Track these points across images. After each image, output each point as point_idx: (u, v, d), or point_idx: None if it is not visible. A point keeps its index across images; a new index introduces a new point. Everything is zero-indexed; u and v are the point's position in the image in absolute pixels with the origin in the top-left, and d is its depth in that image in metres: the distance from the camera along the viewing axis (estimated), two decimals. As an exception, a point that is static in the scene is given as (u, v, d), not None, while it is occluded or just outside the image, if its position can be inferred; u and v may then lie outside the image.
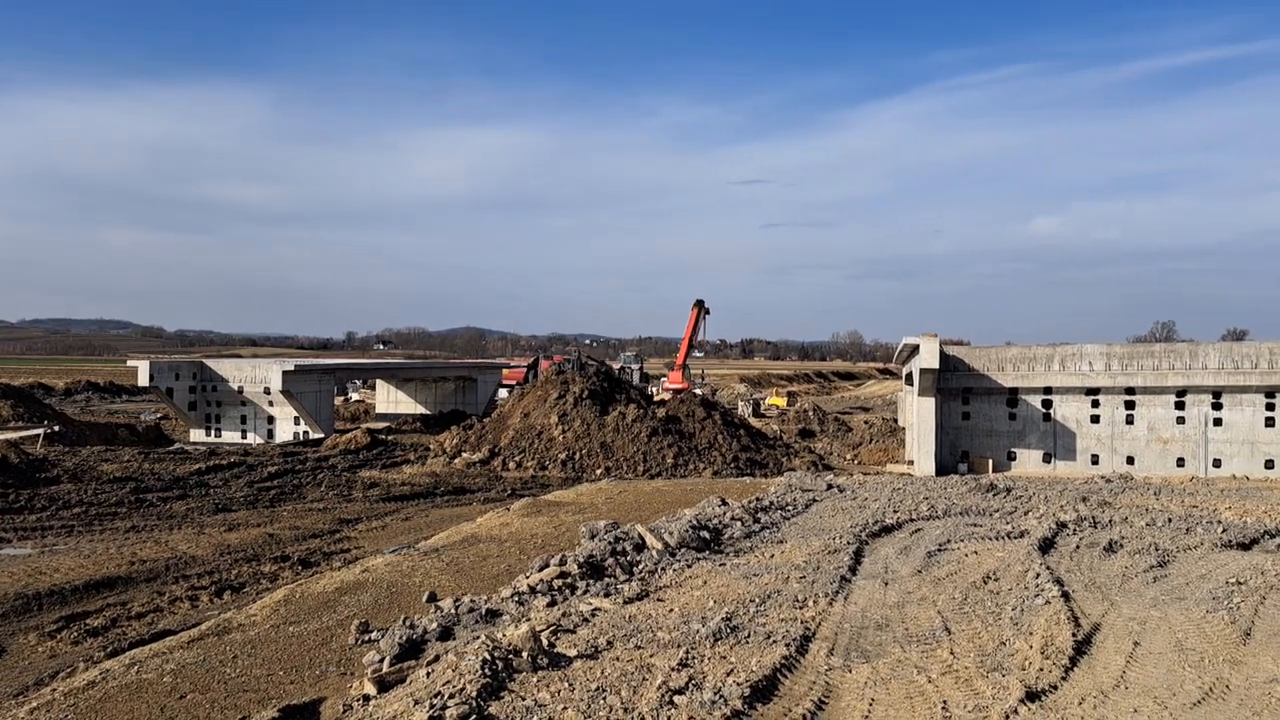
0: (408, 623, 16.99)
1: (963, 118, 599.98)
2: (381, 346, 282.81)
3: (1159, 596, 19.12)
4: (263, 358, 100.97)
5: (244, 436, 73.03)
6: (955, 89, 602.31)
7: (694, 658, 14.50)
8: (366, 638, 17.21)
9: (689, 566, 21.43)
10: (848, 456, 62.98)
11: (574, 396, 56.12)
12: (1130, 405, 50.66)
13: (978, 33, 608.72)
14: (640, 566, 21.26)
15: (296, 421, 72.15)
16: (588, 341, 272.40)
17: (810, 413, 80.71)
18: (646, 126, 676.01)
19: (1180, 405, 49.93)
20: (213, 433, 73.95)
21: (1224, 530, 26.59)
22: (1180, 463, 49.39)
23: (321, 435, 69.17)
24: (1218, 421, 49.33)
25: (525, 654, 13.90)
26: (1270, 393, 48.55)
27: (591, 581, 19.76)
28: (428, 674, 13.96)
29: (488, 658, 13.54)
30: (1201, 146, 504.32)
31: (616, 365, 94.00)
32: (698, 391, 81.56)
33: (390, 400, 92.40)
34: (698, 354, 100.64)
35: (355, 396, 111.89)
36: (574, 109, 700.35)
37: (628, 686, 13.15)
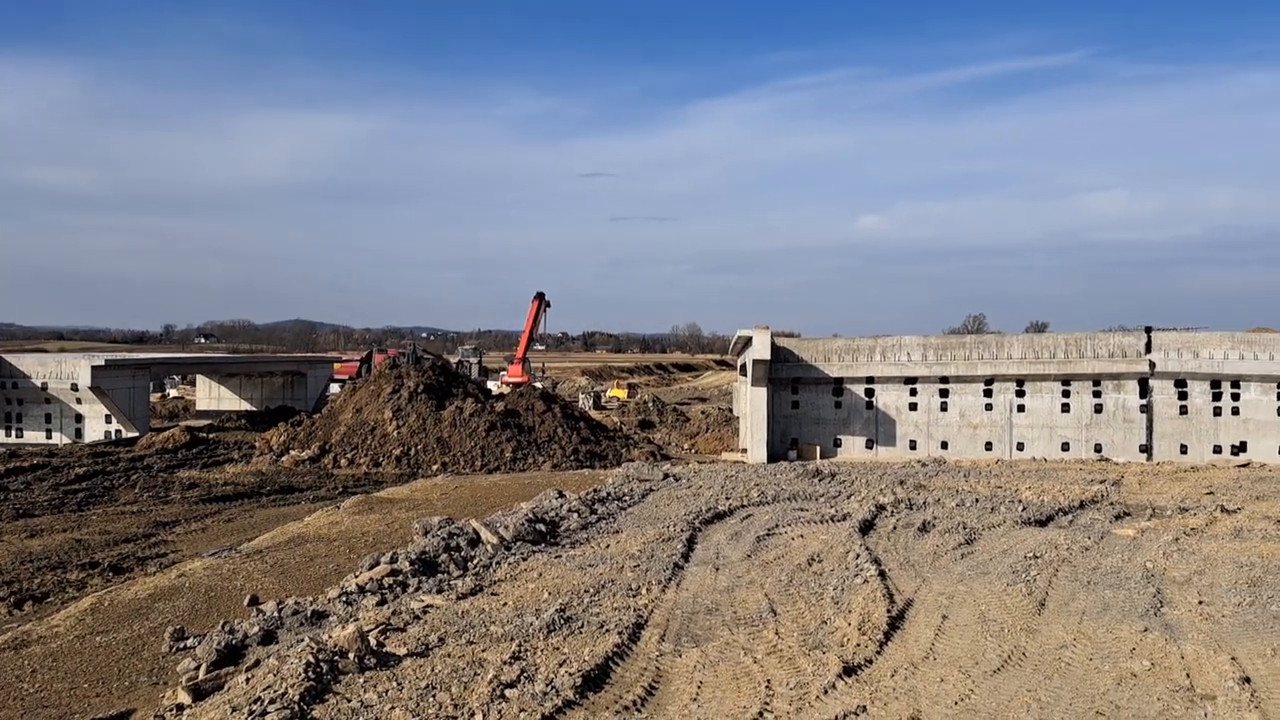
0: (227, 628, 16.26)
1: (794, 118, 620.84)
2: (203, 340, 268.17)
3: (966, 572, 20.43)
4: (71, 352, 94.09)
5: (49, 436, 67.86)
6: (788, 90, 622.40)
7: (527, 650, 14.51)
8: (182, 645, 16.37)
9: (524, 560, 21.39)
10: (685, 446, 64.21)
11: (409, 391, 54.90)
12: (944, 393, 53.74)
13: (809, 36, 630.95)
14: (475, 561, 21.06)
15: (108, 420, 67.68)
16: (425, 335, 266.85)
17: (650, 404, 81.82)
18: (489, 116, 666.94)
19: (988, 393, 53.36)
20: (13, 433, 68.42)
21: (1024, 509, 28.63)
22: (988, 446, 52.79)
23: (136, 434, 65.07)
24: (1021, 408, 52.98)
25: (352, 655, 13.55)
26: (1066, 380, 52.52)
27: (424, 579, 19.43)
28: (247, 679, 13.41)
29: (312, 660, 13.12)
30: (1010, 151, 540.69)
31: (454, 359, 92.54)
32: (538, 385, 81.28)
33: (212, 396, 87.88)
34: (539, 347, 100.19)
35: (174, 393, 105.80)
36: (413, 96, 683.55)
37: (459, 682, 13.02)
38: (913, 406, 53.91)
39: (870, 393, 54.23)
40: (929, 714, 12.21)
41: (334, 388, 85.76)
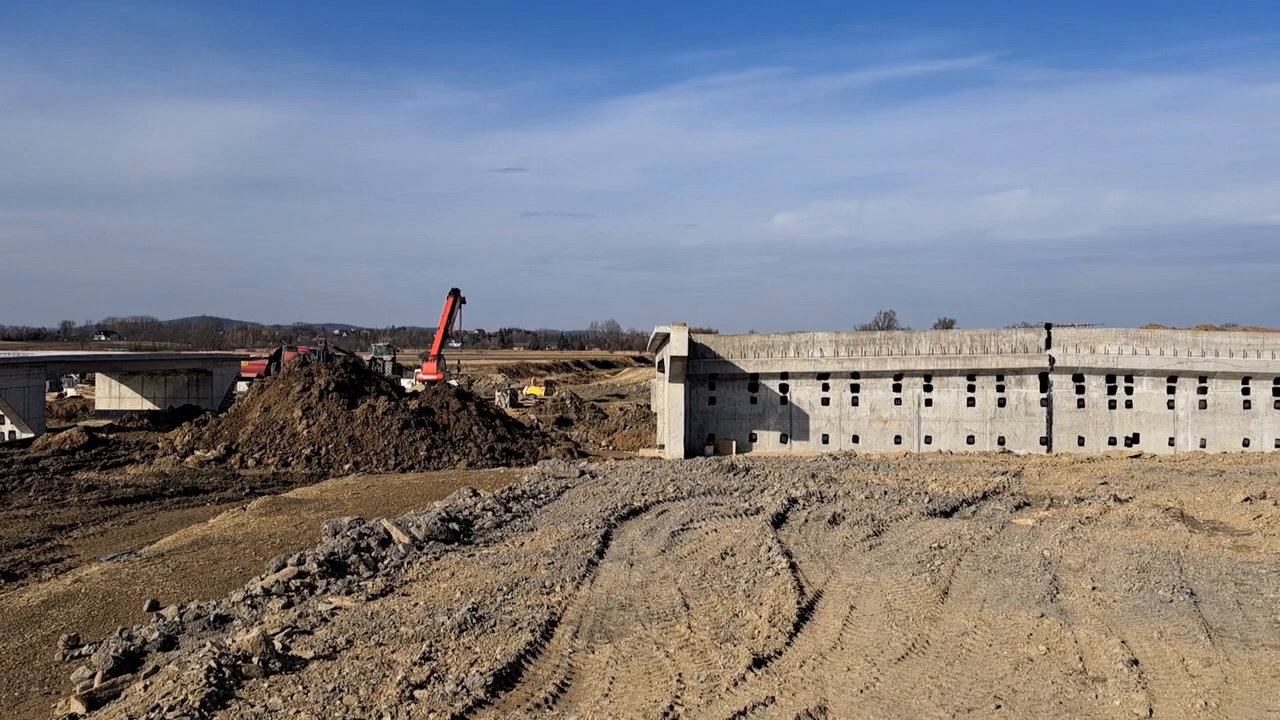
0: (125, 634, 15.72)
1: (712, 116, 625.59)
2: (103, 337, 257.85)
3: (873, 563, 20.89)
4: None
5: (-66, 439, 64.61)
6: (706, 88, 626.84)
7: (438, 650, 14.37)
8: (76, 653, 15.77)
9: (437, 559, 21.16)
10: (603, 443, 64.26)
11: (320, 389, 53.78)
12: (855, 388, 54.85)
13: (728, 36, 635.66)
14: (386, 562, 20.75)
15: (1, 420, 64.84)
16: (337, 332, 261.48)
17: (568, 401, 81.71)
18: (403, 109, 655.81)
19: (898, 388, 54.63)
20: (-106, 436, 64.94)
21: (930, 501, 29.41)
22: (898, 440, 54.05)
23: (31, 435, 62.43)
24: (928, 402, 54.40)
25: (256, 659, 13.24)
26: (971, 376, 54.09)
27: (333, 580, 19.08)
28: (146, 687, 12.99)
29: (213, 665, 12.78)
30: (919, 152, 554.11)
31: (367, 356, 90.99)
32: (453, 382, 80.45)
33: (113, 395, 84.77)
34: (454, 344, 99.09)
35: (71, 392, 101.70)
36: (325, 87, 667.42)
37: (366, 684, 12.83)
38: (825, 401, 54.88)
39: (785, 388, 55.02)
40: (835, 703, 12.46)
41: (241, 386, 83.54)
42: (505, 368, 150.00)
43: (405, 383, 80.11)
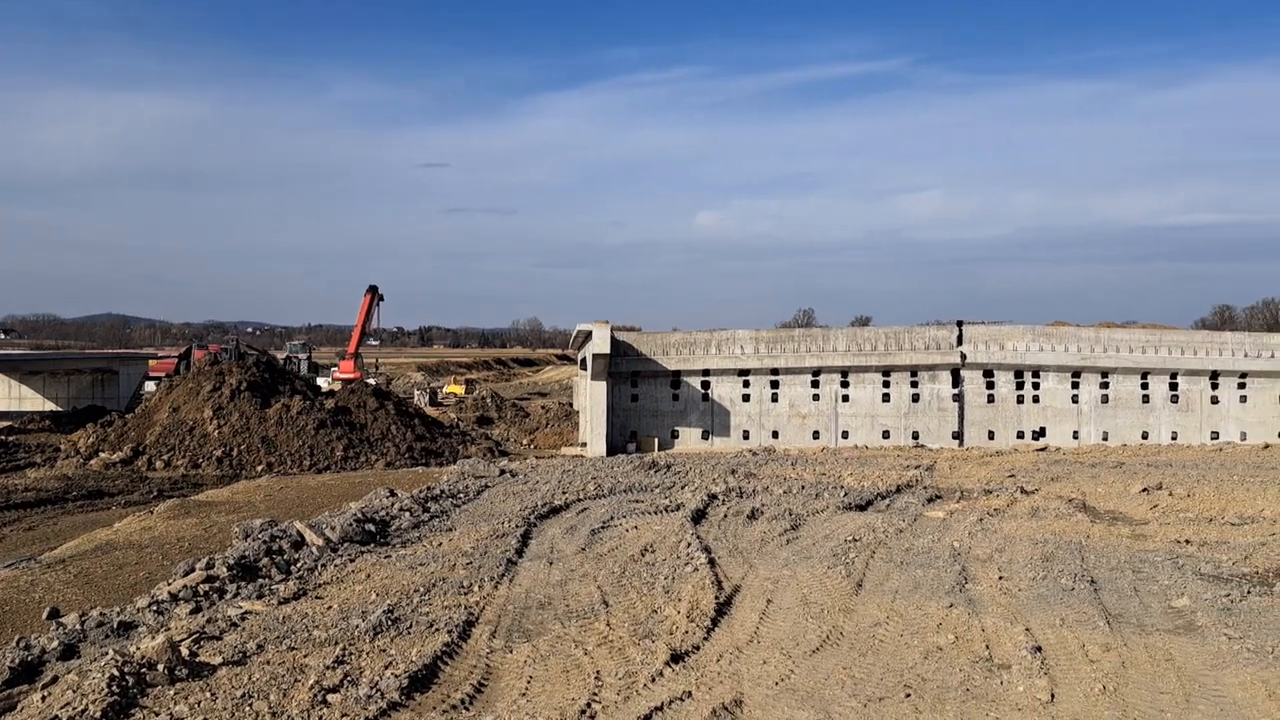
0: (22, 643, 15.10)
1: (636, 114, 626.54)
2: (3, 335, 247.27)
3: (790, 557, 21.22)
4: None
5: None
6: (631, 86, 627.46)
7: (352, 654, 14.13)
8: (-32, 667, 15.08)
9: (352, 561, 20.80)
10: (525, 442, 63.94)
11: (231, 388, 52.40)
12: (775, 385, 55.63)
13: (652, 34, 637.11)
14: (299, 565, 20.34)
15: (-113, 424, 61.75)
16: (250, 330, 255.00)
17: (489, 400, 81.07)
18: (321, 102, 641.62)
19: (816, 384, 55.59)
20: None
21: (846, 494, 29.99)
22: (816, 435, 55.00)
23: (-80, 439, 59.49)
24: (845, 398, 55.47)
25: (161, 666, 12.85)
26: (886, 372, 55.33)
27: (243, 584, 18.62)
28: (43, 698, 12.50)
29: (116, 673, 12.37)
30: (838, 152, 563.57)
31: (282, 355, 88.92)
32: (371, 381, 79.18)
33: (12, 396, 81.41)
34: (372, 342, 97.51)
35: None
36: (239, 79, 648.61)
37: (277, 690, 12.56)
38: (746, 398, 55.52)
39: (706, 385, 55.51)
40: (751, 695, 12.62)
41: (149, 386, 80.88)
42: (425, 366, 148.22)
43: (321, 382, 78.51)
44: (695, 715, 11.86)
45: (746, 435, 55.11)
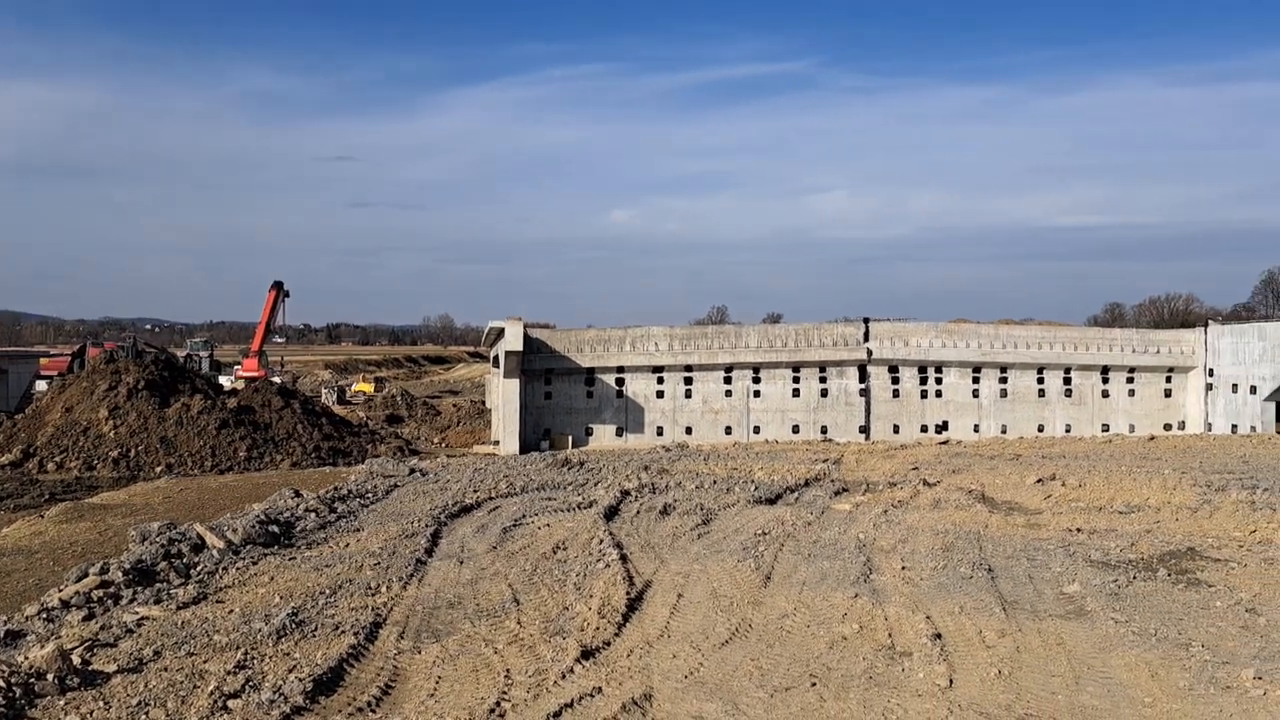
0: (-103, 659, 14.33)
1: (547, 110, 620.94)
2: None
3: (702, 551, 21.45)
4: None
5: None
6: (542, 82, 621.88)
7: (254, 658, 13.81)
8: None
9: (255, 564, 20.29)
10: (436, 440, 63.12)
11: (128, 387, 50.45)
12: (689, 381, 56.07)
13: (562, 30, 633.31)
14: (199, 568, 19.75)
15: None
16: (149, 326, 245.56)
17: (399, 398, 79.69)
18: (221, 93, 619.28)
19: (729, 380, 56.22)
20: None
21: (756, 489, 30.42)
22: (728, 431, 55.63)
23: None
24: (757, 394, 56.23)
25: (51, 676, 12.38)
26: (796, 368, 56.27)
27: (140, 589, 18.00)
28: (-80, 716, 11.91)
29: (2, 684, 11.87)
30: (747, 151, 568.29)
31: (182, 353, 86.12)
32: (276, 379, 77.21)
33: (-112, 397, 77.06)
34: (277, 340, 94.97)
35: None
36: (132, 67, 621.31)
37: (175, 697, 12.21)
38: (660, 395, 55.82)
39: (621, 382, 55.61)
40: (660, 690, 12.73)
41: (40, 385, 77.35)
42: (333, 364, 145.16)
43: (224, 380, 76.20)
44: (605, 711, 11.91)
45: (661, 431, 55.41)
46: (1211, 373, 56.03)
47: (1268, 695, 12.11)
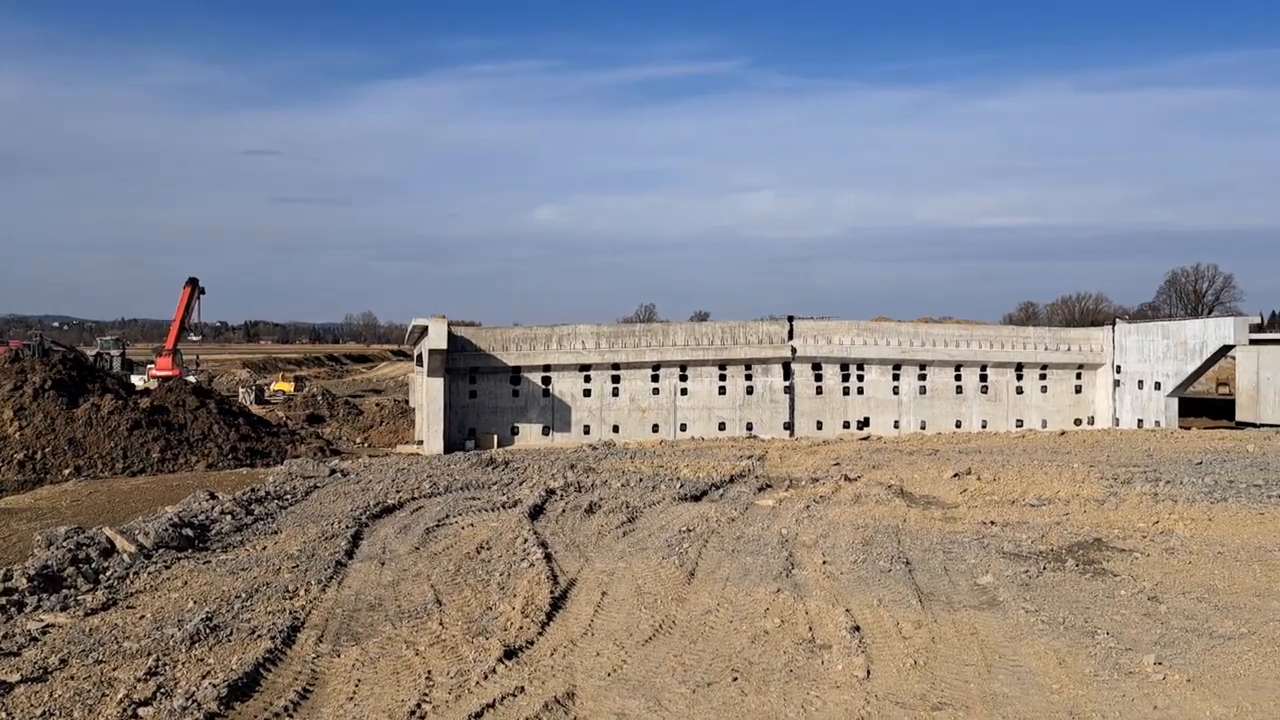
0: None
1: (477, 105, 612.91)
2: None
3: (626, 549, 21.50)
4: None
5: None
6: (470, 77, 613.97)
7: (166, 664, 13.44)
8: None
9: (168, 568, 19.74)
10: (358, 440, 62.10)
11: (34, 387, 48.58)
12: (616, 379, 56.13)
13: (493, 25, 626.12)
14: (109, 573, 19.13)
15: None
16: (56, 325, 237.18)
17: (320, 397, 78.13)
18: (136, 83, 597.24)
19: (656, 378, 56.44)
20: None
21: (681, 485, 30.61)
22: (655, 428, 55.85)
23: None
24: (684, 391, 56.57)
25: (-53, 690, 11.86)
26: (723, 365, 56.76)
27: (45, 595, 17.37)
28: None
29: (-107, 701, 11.33)
30: (677, 150, 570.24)
31: (93, 351, 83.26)
32: (191, 379, 75.16)
33: None
34: (193, 338, 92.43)
35: None
36: (47, 58, 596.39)
37: (82, 706, 11.83)
38: (587, 393, 55.77)
39: (547, 380, 55.42)
40: (583, 687, 12.75)
41: (-62, 385, 74.01)
42: (251, 363, 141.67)
43: (136, 379, 73.90)
44: (527, 710, 11.89)
45: (587, 430, 55.36)
46: (1119, 370, 58.14)
47: (1167, 680, 12.63)
